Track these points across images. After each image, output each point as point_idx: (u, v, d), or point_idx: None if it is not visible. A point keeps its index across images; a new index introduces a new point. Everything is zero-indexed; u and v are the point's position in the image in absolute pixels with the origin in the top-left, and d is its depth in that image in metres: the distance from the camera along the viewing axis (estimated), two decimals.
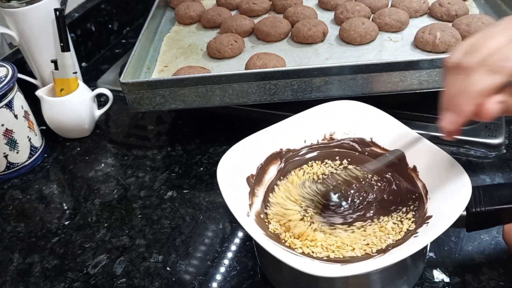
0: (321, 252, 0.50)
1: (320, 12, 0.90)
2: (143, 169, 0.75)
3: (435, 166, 0.54)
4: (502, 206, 0.50)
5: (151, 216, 0.67)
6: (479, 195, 0.50)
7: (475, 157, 0.71)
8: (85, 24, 1.01)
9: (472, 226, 0.51)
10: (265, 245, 0.47)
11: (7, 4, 0.78)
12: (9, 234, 0.67)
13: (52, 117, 0.80)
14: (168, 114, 0.86)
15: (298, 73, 0.69)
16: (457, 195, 0.48)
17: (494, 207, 0.50)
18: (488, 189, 0.51)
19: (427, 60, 0.67)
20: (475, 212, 0.50)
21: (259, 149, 0.60)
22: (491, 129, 0.73)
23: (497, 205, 0.50)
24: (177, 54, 0.85)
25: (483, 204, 0.50)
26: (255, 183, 0.58)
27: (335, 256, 0.50)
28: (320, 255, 0.50)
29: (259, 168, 0.59)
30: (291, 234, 0.53)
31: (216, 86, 0.70)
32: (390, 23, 0.81)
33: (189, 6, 0.94)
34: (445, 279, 0.55)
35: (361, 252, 0.50)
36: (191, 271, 0.59)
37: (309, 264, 0.48)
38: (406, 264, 0.52)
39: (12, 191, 0.74)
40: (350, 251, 0.50)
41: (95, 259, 0.62)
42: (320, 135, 0.62)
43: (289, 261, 0.45)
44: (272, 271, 0.56)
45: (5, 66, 0.73)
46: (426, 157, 0.55)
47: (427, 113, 0.75)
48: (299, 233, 0.52)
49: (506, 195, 0.50)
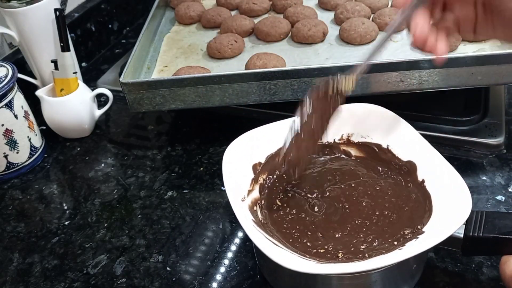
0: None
1: (320, 12, 0.90)
2: (143, 169, 0.75)
3: (441, 183, 0.53)
4: (500, 236, 0.48)
5: (151, 216, 0.67)
6: (480, 220, 0.49)
7: (475, 157, 0.71)
8: (85, 24, 1.01)
9: (468, 250, 0.50)
10: (248, 231, 0.47)
11: (7, 4, 0.78)
12: (9, 234, 0.67)
13: (52, 117, 0.80)
14: (168, 114, 0.86)
15: (298, 73, 0.69)
16: (453, 217, 0.47)
17: (492, 235, 0.48)
18: (491, 215, 0.50)
19: (427, 60, 0.67)
20: (471, 236, 0.49)
21: (272, 140, 0.60)
22: (491, 129, 0.73)
23: (496, 233, 0.48)
24: (177, 54, 0.85)
25: (481, 230, 0.48)
26: (260, 171, 0.58)
27: (315, 250, 0.50)
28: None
29: (268, 157, 0.59)
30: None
31: (216, 86, 0.70)
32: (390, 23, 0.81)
33: (189, 6, 0.94)
34: (445, 279, 0.55)
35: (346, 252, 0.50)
36: (191, 271, 0.59)
37: (287, 257, 0.48)
38: (407, 265, 0.52)
39: (12, 191, 0.74)
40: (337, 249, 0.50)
41: (95, 259, 0.62)
42: (337, 135, 0.62)
43: (267, 251, 0.45)
44: (269, 271, 0.56)
45: (5, 66, 0.73)
46: (434, 171, 0.54)
47: (427, 113, 0.75)
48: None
49: (508, 226, 0.48)
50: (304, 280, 0.52)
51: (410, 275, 0.53)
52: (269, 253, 0.45)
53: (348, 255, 0.49)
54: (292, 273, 0.44)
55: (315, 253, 0.50)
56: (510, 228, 0.48)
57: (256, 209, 0.55)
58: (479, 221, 0.49)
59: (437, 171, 0.54)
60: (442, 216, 0.50)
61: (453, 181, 0.51)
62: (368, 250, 0.50)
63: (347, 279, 0.50)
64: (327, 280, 0.51)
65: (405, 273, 0.53)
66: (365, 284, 0.51)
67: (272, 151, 0.60)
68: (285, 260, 0.45)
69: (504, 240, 0.48)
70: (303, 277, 0.51)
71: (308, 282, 0.52)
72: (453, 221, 0.47)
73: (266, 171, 0.59)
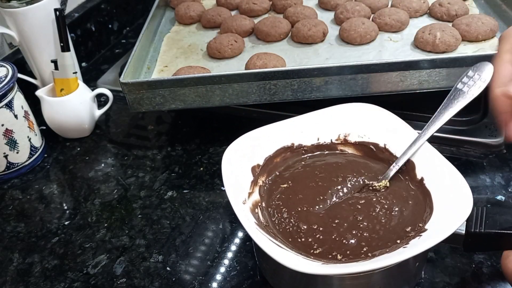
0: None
1: (320, 12, 0.90)
2: (143, 169, 0.75)
3: (441, 180, 0.53)
4: (502, 231, 0.48)
5: (151, 216, 0.67)
6: (481, 216, 0.49)
7: (475, 157, 0.71)
8: (85, 24, 1.01)
9: (470, 246, 0.50)
10: (252, 233, 0.47)
11: (7, 4, 0.78)
12: (9, 234, 0.67)
13: (52, 117, 0.80)
14: (168, 114, 0.86)
15: (298, 73, 0.69)
16: (455, 214, 0.47)
17: (493, 230, 0.48)
18: (493, 211, 0.50)
19: (427, 60, 0.67)
20: (473, 232, 0.49)
21: (270, 141, 0.60)
22: (491, 129, 0.73)
23: (497, 229, 0.48)
24: (177, 54, 0.85)
25: (483, 226, 0.48)
26: (259, 173, 0.58)
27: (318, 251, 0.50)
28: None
29: (267, 159, 0.59)
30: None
31: (216, 86, 0.70)
32: (390, 23, 0.81)
33: (189, 6, 0.94)
34: (445, 279, 0.55)
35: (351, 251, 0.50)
36: (191, 271, 0.59)
37: (291, 257, 0.48)
38: (408, 264, 0.52)
39: (12, 191, 0.74)
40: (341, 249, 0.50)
41: (95, 259, 0.62)
42: (334, 135, 0.62)
43: (273, 253, 0.45)
44: (269, 272, 0.56)
45: (5, 66, 0.73)
46: (434, 169, 0.54)
47: (427, 113, 0.75)
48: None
49: (509, 221, 0.48)
50: (304, 280, 0.51)
51: (411, 275, 0.53)
52: (275, 255, 0.44)
53: (350, 255, 0.49)
54: (293, 273, 0.44)
55: (318, 254, 0.50)
56: (511, 223, 0.48)
57: (258, 211, 0.55)
58: (480, 217, 0.49)
59: (435, 169, 0.54)
60: (443, 213, 0.50)
61: (453, 178, 0.51)
62: (370, 249, 0.50)
63: (348, 279, 0.50)
64: (328, 280, 0.51)
65: (406, 272, 0.53)
66: (366, 284, 0.51)
67: (270, 152, 0.60)
68: (290, 261, 0.45)
69: (506, 235, 0.48)
70: (304, 277, 0.51)
71: (309, 282, 0.52)
72: (455, 217, 0.47)
73: (265, 173, 0.59)
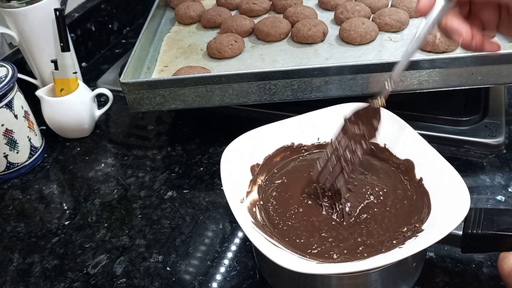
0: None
1: (320, 12, 0.90)
2: (143, 169, 0.75)
3: (439, 181, 0.53)
4: (499, 233, 0.48)
5: (151, 216, 0.67)
6: (479, 218, 0.49)
7: (475, 157, 0.71)
8: (85, 24, 1.01)
9: (468, 247, 0.50)
10: (247, 231, 0.47)
11: (7, 4, 0.78)
12: (9, 234, 0.67)
13: (52, 117, 0.80)
14: (168, 114, 0.86)
15: (298, 73, 0.69)
16: (452, 215, 0.47)
17: (491, 232, 0.49)
18: (490, 212, 0.50)
19: (427, 60, 0.67)
20: (471, 234, 0.49)
21: (270, 141, 0.60)
22: (491, 129, 0.73)
23: (494, 230, 0.48)
24: (177, 54, 0.85)
25: (481, 227, 0.49)
26: (259, 172, 0.58)
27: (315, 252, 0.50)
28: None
29: (266, 158, 0.59)
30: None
31: (216, 86, 0.70)
32: (390, 23, 0.81)
33: (189, 6, 0.94)
34: (445, 279, 0.55)
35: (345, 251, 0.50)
36: (191, 271, 0.59)
37: (286, 257, 0.48)
38: (406, 263, 0.52)
39: (12, 191, 0.74)
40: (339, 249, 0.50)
41: (95, 259, 0.62)
42: (334, 135, 0.62)
43: (267, 252, 0.45)
44: (268, 272, 0.56)
45: (5, 66, 0.73)
46: (433, 169, 0.54)
47: (427, 113, 0.75)
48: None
49: (506, 222, 0.49)
50: (303, 280, 0.52)
51: (409, 274, 0.53)
52: (269, 254, 0.45)
53: (347, 255, 0.49)
54: (291, 273, 0.44)
55: (315, 253, 0.50)
56: (508, 225, 0.49)
57: (255, 211, 0.55)
58: (478, 218, 0.49)
59: (434, 169, 0.54)
60: (441, 214, 0.50)
61: (451, 179, 0.51)
62: (367, 249, 0.50)
63: (346, 279, 0.50)
64: (326, 279, 0.51)
65: (404, 272, 0.53)
66: (364, 284, 0.51)
67: (270, 152, 0.60)
68: (284, 260, 0.45)
69: (503, 237, 0.48)
70: (302, 277, 0.51)
71: (307, 282, 0.52)
72: (452, 218, 0.47)
73: (264, 173, 0.59)
